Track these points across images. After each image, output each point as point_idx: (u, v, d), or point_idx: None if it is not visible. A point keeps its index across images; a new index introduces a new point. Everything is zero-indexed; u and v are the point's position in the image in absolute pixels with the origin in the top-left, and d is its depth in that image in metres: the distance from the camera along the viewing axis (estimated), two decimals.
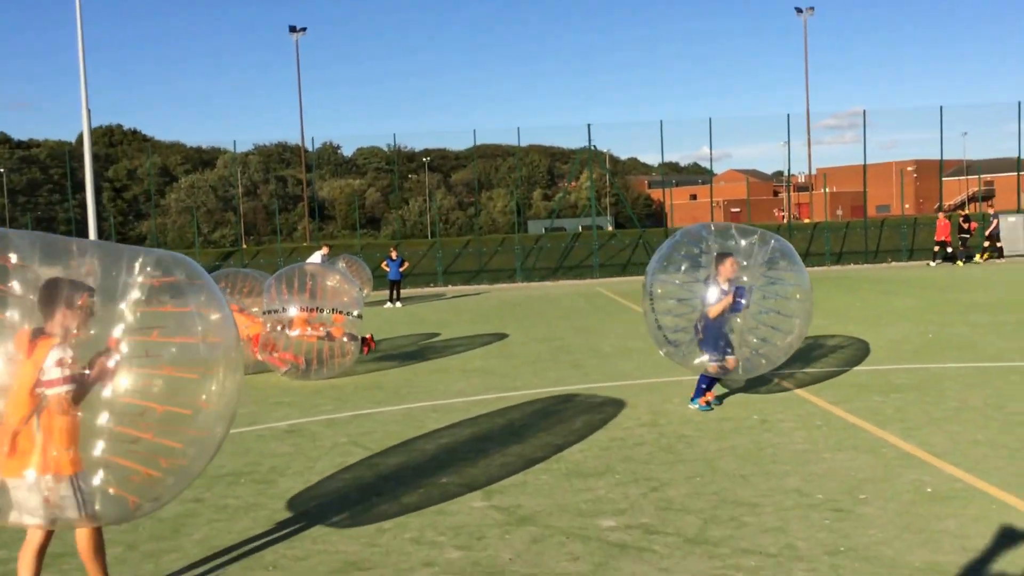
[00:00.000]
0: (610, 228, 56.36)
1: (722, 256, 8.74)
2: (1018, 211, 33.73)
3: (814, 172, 77.08)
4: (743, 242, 8.96)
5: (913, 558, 5.03)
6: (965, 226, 30.34)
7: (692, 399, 9.22)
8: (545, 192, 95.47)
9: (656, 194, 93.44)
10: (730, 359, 8.81)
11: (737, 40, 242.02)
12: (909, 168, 78.15)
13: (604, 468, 7.14)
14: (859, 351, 12.20)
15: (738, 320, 8.82)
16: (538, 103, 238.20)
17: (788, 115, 35.86)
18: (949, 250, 29.95)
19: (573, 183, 72.73)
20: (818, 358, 11.76)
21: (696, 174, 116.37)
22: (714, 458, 7.28)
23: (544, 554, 5.35)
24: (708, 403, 9.16)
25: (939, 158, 35.61)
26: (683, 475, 6.84)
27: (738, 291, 8.59)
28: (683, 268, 9.24)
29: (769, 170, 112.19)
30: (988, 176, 77.39)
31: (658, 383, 10.71)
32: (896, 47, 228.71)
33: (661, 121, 33.18)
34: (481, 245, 35.09)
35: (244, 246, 48.75)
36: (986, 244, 31.16)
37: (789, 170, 44.85)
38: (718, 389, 9.51)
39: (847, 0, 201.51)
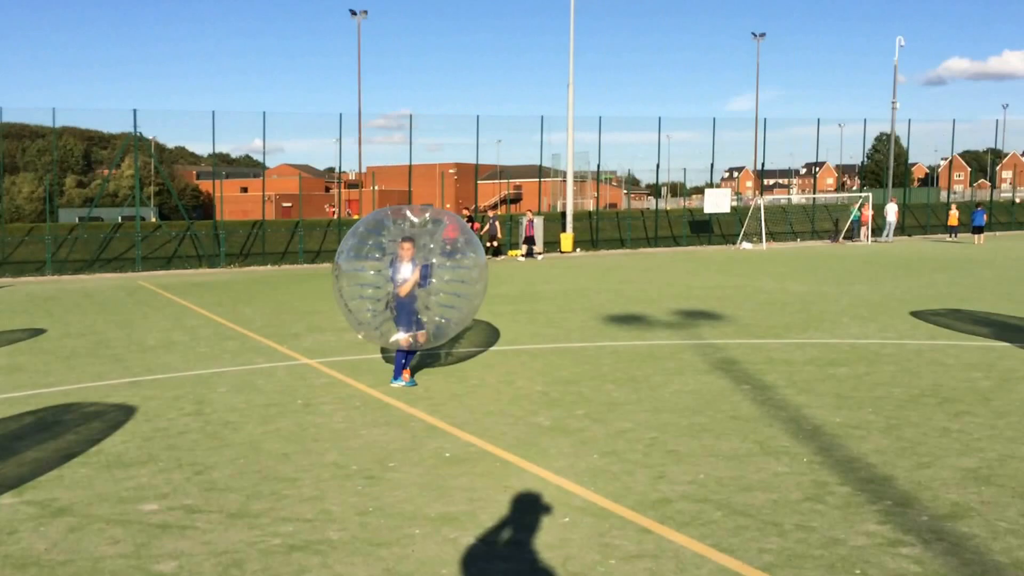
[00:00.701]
0: (154, 219, 53.54)
1: (405, 239, 9.54)
2: (538, 213, 38.30)
3: (364, 170, 79.99)
4: (417, 221, 9.96)
5: (430, 510, 5.84)
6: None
7: (393, 378, 9.79)
8: (80, 179, 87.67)
9: (205, 185, 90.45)
10: (420, 333, 9.63)
11: (293, 37, 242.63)
12: (451, 171, 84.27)
13: (147, 457, 7.12)
14: None
15: (428, 295, 9.70)
16: (79, 86, 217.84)
17: (341, 114, 37.10)
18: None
19: (115, 170, 67.60)
20: (357, 346, 12.56)
21: (248, 167, 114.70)
22: (259, 441, 7.61)
23: (83, 541, 5.30)
24: (412, 379, 9.83)
25: (475, 162, 38.79)
26: (228, 458, 7.08)
27: (423, 269, 9.50)
28: (369, 254, 9.93)
29: (321, 166, 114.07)
30: (517, 181, 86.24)
31: (204, 374, 10.73)
32: (442, 55, 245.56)
33: (213, 112, 32.09)
34: (5, 234, 31.46)
35: None
36: (523, 244, 34.87)
37: (340, 167, 46.20)
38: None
39: (399, 6, 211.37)
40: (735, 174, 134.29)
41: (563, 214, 36.48)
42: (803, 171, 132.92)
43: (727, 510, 5.77)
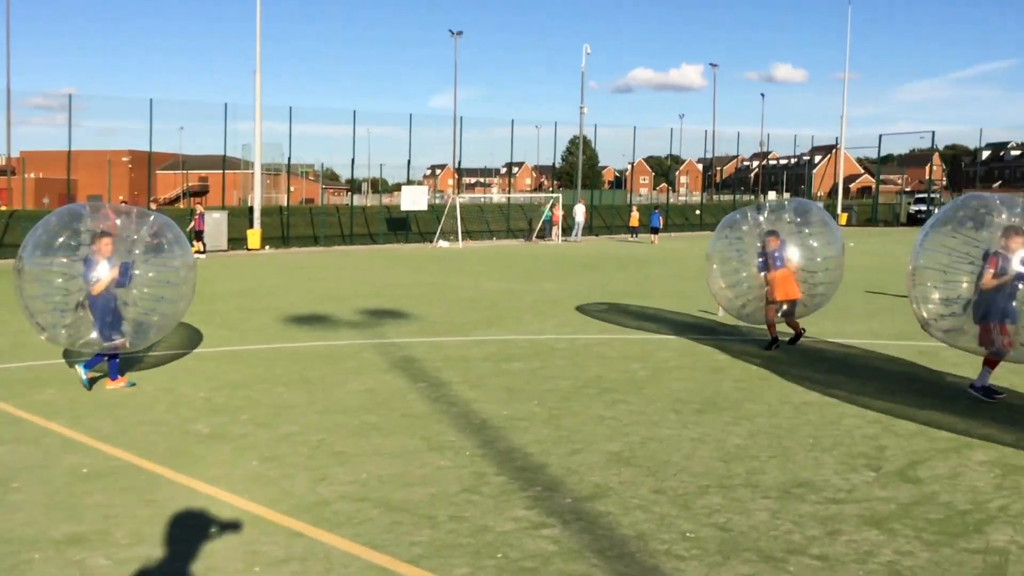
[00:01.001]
0: None
1: (102, 234, 8.93)
2: (223, 208, 36.58)
3: (16, 155, 71.66)
4: (119, 220, 9.31)
5: (55, 532, 5.25)
6: None
7: (103, 375, 9.37)
8: None
9: None
10: (118, 339, 9.02)
11: None
12: (125, 158, 77.36)
13: None
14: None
15: (132, 293, 9.13)
16: None
17: None
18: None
19: None
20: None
21: None
22: None
23: None
24: (131, 382, 9.41)
25: (149, 149, 35.94)
26: None
27: (122, 267, 8.90)
28: (61, 250, 9.24)
29: None
30: (203, 172, 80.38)
31: None
32: (116, 34, 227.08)
33: None
34: None
35: None
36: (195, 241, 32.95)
37: None
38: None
39: None
40: (437, 171, 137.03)
41: (251, 209, 35.06)
42: (503, 171, 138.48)
43: (384, 507, 5.71)
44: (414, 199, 38.70)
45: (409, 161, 44.20)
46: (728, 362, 10.79)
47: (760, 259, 11.62)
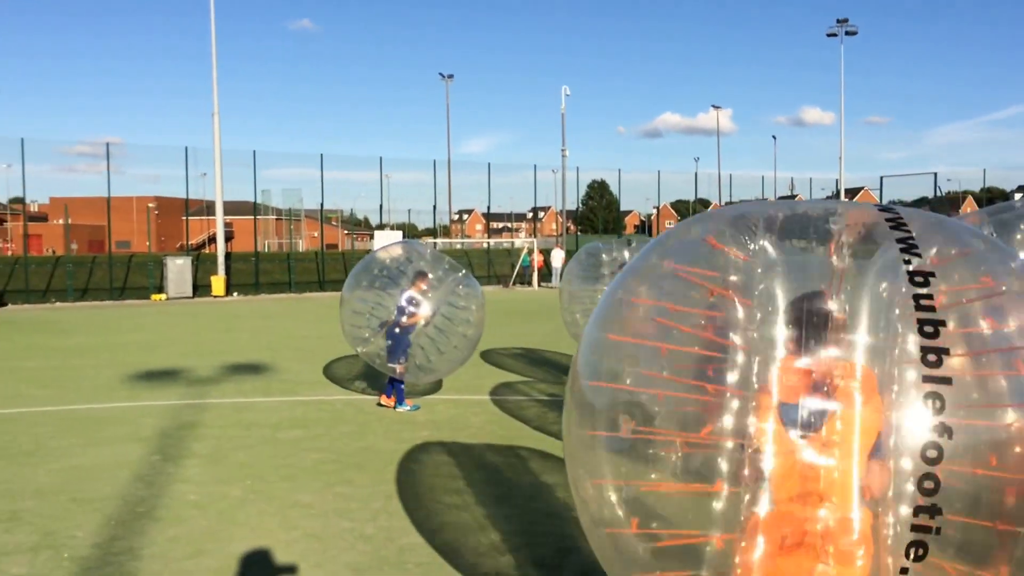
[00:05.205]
0: None
1: (421, 274, 10.56)
2: (185, 253, 36.18)
3: (47, 201, 72.50)
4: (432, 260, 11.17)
5: None
6: None
7: (398, 403, 10.65)
8: None
9: None
10: (401, 365, 10.42)
11: None
12: (151, 204, 78.24)
13: None
14: None
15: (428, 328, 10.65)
16: None
17: (23, 138, 33.42)
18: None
19: None
20: None
21: None
22: None
23: None
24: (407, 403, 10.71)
25: (187, 197, 36.37)
26: None
27: (434, 305, 10.60)
28: (381, 283, 11.05)
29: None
30: (228, 218, 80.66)
31: None
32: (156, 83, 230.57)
33: None
34: None
35: None
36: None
37: (25, 195, 41.05)
38: None
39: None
40: (464, 216, 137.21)
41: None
42: (529, 215, 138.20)
43: None
44: (387, 243, 38.18)
45: (435, 206, 44.36)
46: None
47: None
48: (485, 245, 47.16)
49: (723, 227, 3.38)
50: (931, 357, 2.74)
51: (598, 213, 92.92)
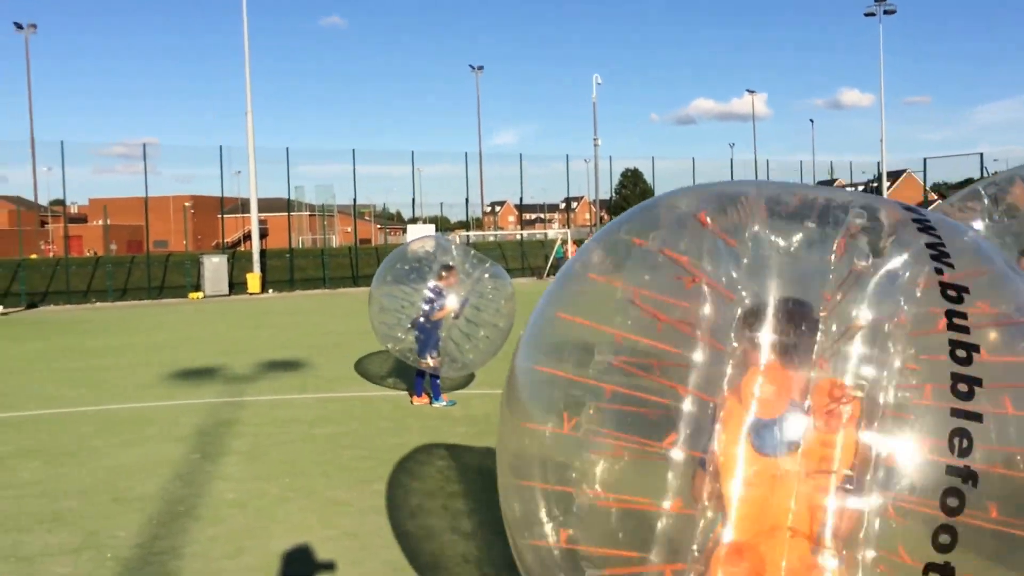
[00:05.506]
0: None
1: (448, 267, 10.53)
2: (220, 251, 36.54)
3: (86, 203, 73.56)
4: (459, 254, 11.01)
5: None
6: None
7: (434, 399, 10.61)
8: None
9: None
10: (433, 358, 10.39)
11: None
12: (187, 203, 79.01)
13: None
14: None
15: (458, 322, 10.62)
16: None
17: (63, 141, 33.96)
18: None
19: None
20: None
21: None
22: None
23: None
24: (442, 399, 10.65)
25: (221, 195, 36.82)
26: None
27: (462, 300, 10.48)
28: (408, 278, 10.97)
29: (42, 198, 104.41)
30: (263, 215, 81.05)
31: None
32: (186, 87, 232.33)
33: None
34: None
35: None
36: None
37: (66, 197, 41.70)
38: None
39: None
40: (496, 208, 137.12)
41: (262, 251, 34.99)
42: (562, 205, 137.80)
43: None
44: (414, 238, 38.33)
45: (467, 199, 44.37)
46: None
47: None
48: (518, 237, 47.08)
49: (714, 203, 2.76)
50: (962, 387, 2.16)
51: (632, 202, 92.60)
